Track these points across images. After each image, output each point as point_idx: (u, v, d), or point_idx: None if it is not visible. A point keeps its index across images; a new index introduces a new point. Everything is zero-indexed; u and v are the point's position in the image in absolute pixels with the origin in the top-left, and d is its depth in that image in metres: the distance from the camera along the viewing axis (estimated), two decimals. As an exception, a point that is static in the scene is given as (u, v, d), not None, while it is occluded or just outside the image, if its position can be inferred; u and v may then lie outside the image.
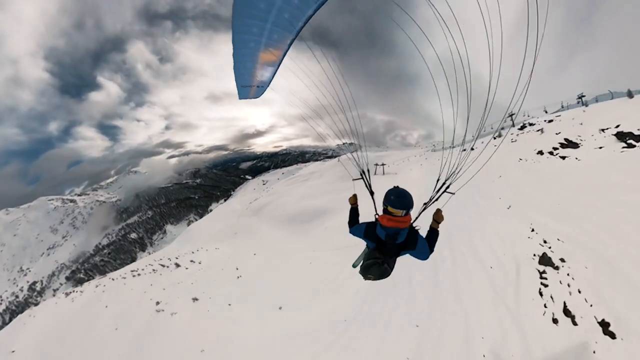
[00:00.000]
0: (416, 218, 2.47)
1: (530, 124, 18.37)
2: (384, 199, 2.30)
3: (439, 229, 2.53)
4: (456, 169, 2.47)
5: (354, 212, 2.89)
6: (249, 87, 2.62)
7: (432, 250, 2.42)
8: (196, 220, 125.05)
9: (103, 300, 14.56)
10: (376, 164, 28.53)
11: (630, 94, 13.89)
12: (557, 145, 10.95)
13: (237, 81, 2.51)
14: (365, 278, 2.37)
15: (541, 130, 15.03)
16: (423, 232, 2.46)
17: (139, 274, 20.02)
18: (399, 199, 2.23)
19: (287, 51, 2.31)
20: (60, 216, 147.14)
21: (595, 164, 8.11)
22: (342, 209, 16.50)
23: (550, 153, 10.69)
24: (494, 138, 18.64)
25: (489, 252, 6.96)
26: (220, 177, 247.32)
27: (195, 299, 13.02)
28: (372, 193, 2.91)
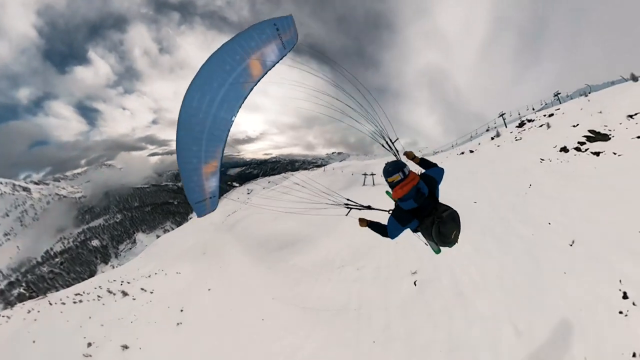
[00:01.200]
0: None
1: (529, 120, 18.89)
2: (384, 176, 2.69)
3: (420, 157, 3.09)
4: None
5: (375, 225, 3.09)
6: (203, 201, 3.06)
7: (436, 165, 2.98)
8: (172, 229, 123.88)
9: (32, 332, 13.31)
10: (364, 174, 28.13)
11: (634, 78, 14.79)
12: (583, 140, 10.58)
13: (192, 199, 2.95)
14: (454, 240, 2.48)
15: (547, 124, 15.39)
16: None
17: (80, 300, 18.83)
18: (391, 167, 2.62)
19: (222, 157, 2.91)
20: (6, 206, 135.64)
21: None
22: (319, 239, 14.58)
23: (578, 149, 10.26)
24: (492, 139, 19.71)
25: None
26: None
27: (125, 347, 11.67)
28: (368, 207, 3.39)
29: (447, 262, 6.18)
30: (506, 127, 22.29)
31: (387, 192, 3.18)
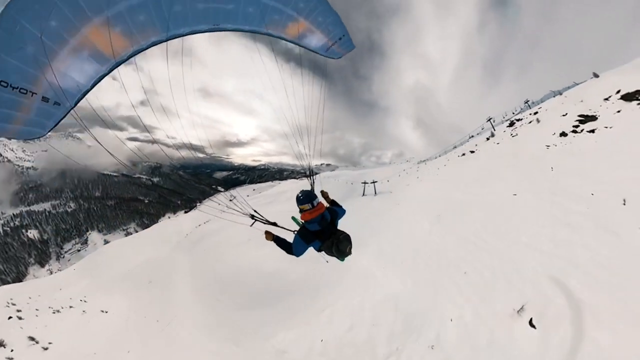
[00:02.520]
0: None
1: (518, 120, 23.84)
2: (296, 203, 3.61)
3: (331, 198, 4.51)
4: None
5: (280, 241, 4.04)
6: (23, 95, 2.27)
7: (341, 207, 4.27)
8: (137, 232, 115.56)
9: None
10: (365, 182, 28.57)
11: (595, 75, 20.55)
12: (576, 124, 14.17)
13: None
14: (348, 253, 3.51)
15: (536, 120, 19.48)
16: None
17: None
18: (303, 197, 3.56)
19: (135, 53, 2.86)
20: None
21: (632, 127, 10.85)
22: (319, 296, 10.91)
23: (574, 132, 13.62)
24: (487, 139, 24.26)
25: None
26: (186, 182, 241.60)
27: None
28: (274, 224, 4.38)
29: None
30: (494, 129, 27.19)
31: (293, 218, 4.53)
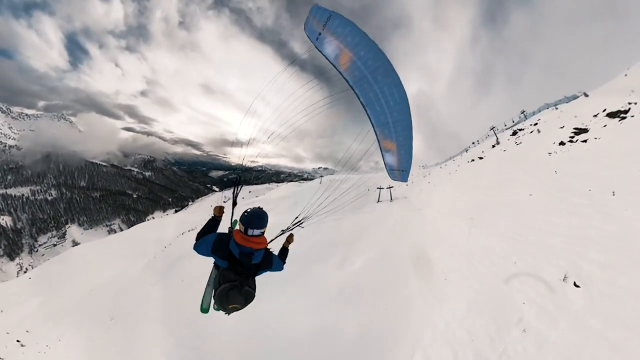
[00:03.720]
0: (271, 240, 3.72)
1: (520, 129, 27.33)
2: (241, 216, 2.97)
3: (289, 248, 4.02)
4: (317, 206, 4.66)
5: (213, 225, 3.44)
6: (323, 23, 3.59)
7: (284, 263, 3.70)
8: (120, 230, 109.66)
9: None
10: (380, 188, 28.18)
11: (586, 94, 24.75)
12: (572, 135, 16.79)
13: (334, 13, 3.52)
14: (228, 310, 2.77)
15: (537, 130, 22.94)
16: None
17: None
18: (255, 220, 2.92)
19: (340, 74, 3.85)
20: None
21: (615, 138, 13.67)
22: (381, 340, 8.85)
23: (570, 141, 16.24)
24: (493, 146, 27.40)
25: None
26: (180, 179, 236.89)
27: None
28: (234, 204, 4.14)
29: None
30: (497, 137, 29.92)
31: (235, 221, 4.08)
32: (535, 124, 25.33)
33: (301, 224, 4.42)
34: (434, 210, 17.27)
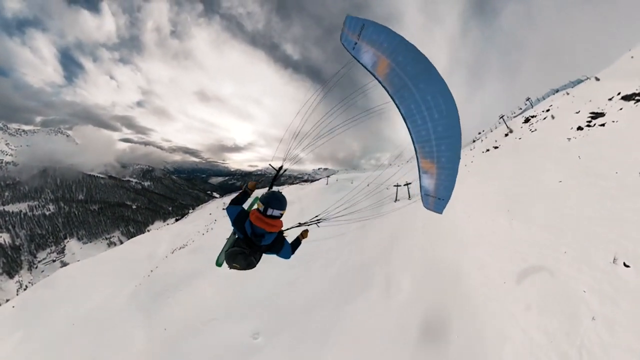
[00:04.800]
0: (288, 229, 3.95)
1: (532, 116, 26.43)
2: (261, 196, 3.30)
3: (302, 241, 4.21)
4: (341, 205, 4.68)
5: (244, 195, 3.82)
6: (359, 32, 3.42)
7: (293, 253, 3.89)
8: (121, 242, 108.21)
9: None
10: (397, 185, 26.40)
11: (597, 78, 23.11)
12: (589, 119, 16.28)
13: (369, 22, 3.33)
14: (231, 267, 3.21)
15: (551, 116, 21.96)
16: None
17: None
18: (274, 202, 3.21)
19: (378, 81, 3.62)
20: None
21: (633, 120, 13.21)
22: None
23: (588, 126, 15.80)
24: (506, 135, 26.38)
25: None
26: (180, 188, 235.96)
27: None
28: (271, 186, 4.29)
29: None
30: (507, 126, 28.91)
31: (256, 199, 3.82)
32: (548, 110, 24.66)
33: (318, 222, 4.47)
34: (462, 206, 16.20)
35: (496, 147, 25.01)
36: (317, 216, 4.57)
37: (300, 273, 17.83)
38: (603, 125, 15.13)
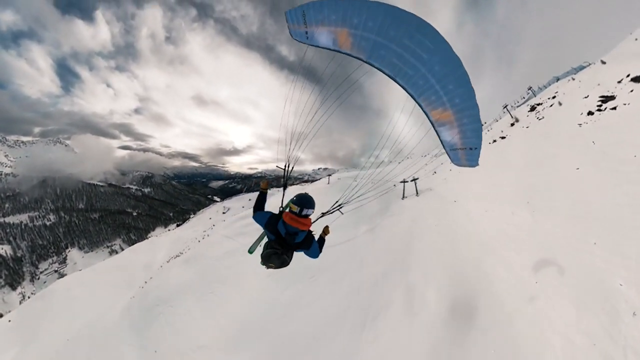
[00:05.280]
0: (313, 222, 3.97)
1: (538, 104, 25.80)
2: (291, 199, 3.63)
3: (325, 238, 4.35)
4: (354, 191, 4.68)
5: (262, 197, 4.20)
6: (304, 21, 3.49)
7: (320, 252, 4.07)
8: (122, 250, 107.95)
9: None
10: (404, 181, 25.35)
11: (603, 62, 22.13)
12: (599, 103, 15.70)
13: (307, 7, 3.35)
14: (267, 267, 3.47)
15: (558, 103, 21.33)
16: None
17: None
18: (304, 201, 3.51)
19: (348, 55, 3.48)
20: None
21: None
22: None
23: (599, 110, 15.29)
24: (512, 125, 25.95)
25: None
26: (180, 193, 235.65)
27: None
28: (284, 187, 4.66)
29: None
30: (511, 115, 28.70)
31: (288, 204, 4.07)
32: (554, 97, 24.01)
33: (340, 208, 4.53)
34: (476, 200, 15.39)
35: (503, 138, 24.28)
36: (337, 202, 4.60)
37: (304, 291, 15.50)
38: (614, 108, 14.66)
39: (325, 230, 4.46)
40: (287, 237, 3.50)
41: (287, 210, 3.62)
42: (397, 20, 2.89)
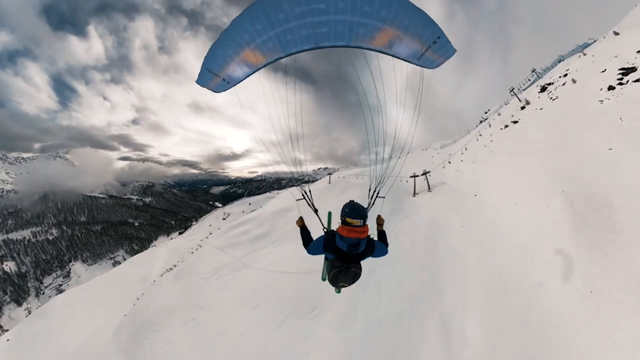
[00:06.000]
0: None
1: (549, 84, 24.56)
2: (341, 212, 3.44)
3: (384, 229, 4.17)
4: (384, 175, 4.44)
5: (305, 232, 4.11)
6: (214, 75, 3.55)
7: (387, 245, 3.96)
8: (124, 260, 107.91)
9: None
10: (414, 175, 23.50)
11: (616, 32, 21.60)
12: (619, 76, 14.57)
13: (206, 62, 3.44)
14: (338, 287, 3.56)
15: (572, 80, 19.83)
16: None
17: None
18: (356, 211, 3.35)
19: (268, 64, 3.54)
20: None
21: None
22: None
23: (620, 84, 14.10)
24: (523, 108, 24.48)
25: None
26: (181, 200, 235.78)
27: None
28: (315, 210, 4.35)
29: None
30: (519, 98, 27.88)
31: (330, 213, 4.65)
32: (565, 75, 22.64)
33: (378, 193, 4.36)
34: (501, 191, 13.96)
35: (515, 122, 22.79)
36: (370, 190, 4.37)
37: (303, 330, 11.96)
38: (637, 80, 13.48)
39: (379, 222, 4.23)
40: (350, 250, 3.38)
41: (342, 224, 3.44)
42: (274, 4, 3.00)
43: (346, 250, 3.36)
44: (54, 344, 23.64)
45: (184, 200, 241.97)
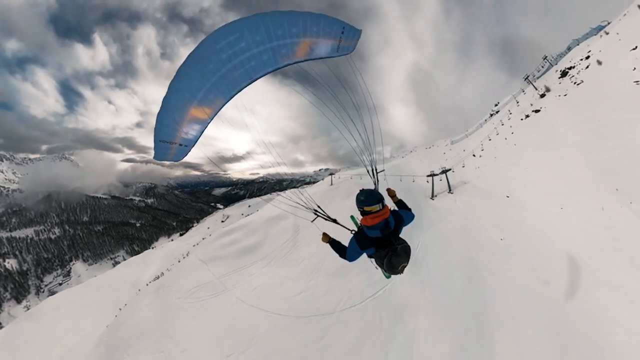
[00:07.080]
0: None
1: (569, 68, 23.32)
2: (357, 204, 3.51)
3: (399, 197, 4.23)
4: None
5: (336, 244, 4.03)
6: (170, 144, 3.58)
7: (409, 209, 4.01)
8: (124, 260, 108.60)
9: None
10: (432, 174, 20.50)
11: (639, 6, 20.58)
12: None
13: (157, 134, 3.47)
14: (400, 271, 3.24)
15: (597, 61, 18.61)
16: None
17: None
18: (370, 197, 3.44)
19: (216, 113, 3.66)
20: None
21: None
22: None
23: None
24: (543, 95, 23.48)
25: None
26: (183, 202, 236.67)
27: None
28: (334, 220, 4.27)
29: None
30: (535, 87, 26.95)
31: (352, 217, 4.72)
32: (587, 57, 21.35)
33: (377, 170, 4.37)
34: (537, 193, 11.85)
35: (537, 111, 21.31)
36: (373, 169, 4.37)
37: None
38: None
39: (391, 194, 4.27)
40: (384, 233, 3.37)
41: (363, 216, 3.50)
42: (202, 58, 3.30)
43: (381, 235, 3.38)
44: (39, 349, 23.95)
45: (186, 201, 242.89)
